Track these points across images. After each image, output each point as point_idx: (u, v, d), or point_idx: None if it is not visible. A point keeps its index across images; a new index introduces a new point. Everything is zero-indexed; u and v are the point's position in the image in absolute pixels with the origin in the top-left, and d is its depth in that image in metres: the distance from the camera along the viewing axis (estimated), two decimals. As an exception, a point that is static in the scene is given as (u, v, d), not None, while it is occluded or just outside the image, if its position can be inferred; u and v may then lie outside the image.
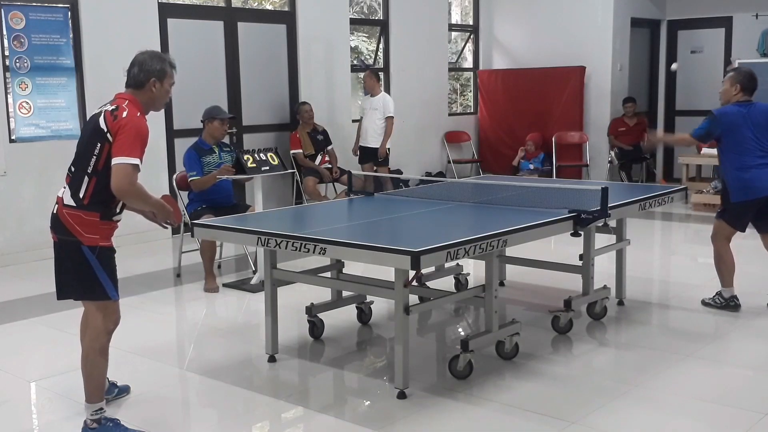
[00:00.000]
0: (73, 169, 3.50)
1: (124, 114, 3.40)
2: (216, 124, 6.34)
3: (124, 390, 4.07)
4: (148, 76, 3.53)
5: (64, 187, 3.51)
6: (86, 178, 3.42)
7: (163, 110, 8.08)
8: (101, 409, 3.56)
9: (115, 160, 3.34)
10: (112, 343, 3.60)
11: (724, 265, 5.38)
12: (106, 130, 3.39)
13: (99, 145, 3.40)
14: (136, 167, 3.35)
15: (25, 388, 4.30)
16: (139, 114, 3.46)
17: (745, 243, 7.58)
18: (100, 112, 3.48)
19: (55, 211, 3.52)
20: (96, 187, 3.42)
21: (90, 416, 3.55)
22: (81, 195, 3.43)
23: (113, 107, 3.45)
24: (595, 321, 5.17)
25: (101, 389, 3.60)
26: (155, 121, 8.00)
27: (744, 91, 5.20)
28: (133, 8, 7.83)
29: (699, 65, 11.48)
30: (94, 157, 3.40)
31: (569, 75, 10.87)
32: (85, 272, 3.48)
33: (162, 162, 8.08)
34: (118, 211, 3.53)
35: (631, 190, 6.32)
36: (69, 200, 3.45)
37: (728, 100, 5.25)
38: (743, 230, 5.39)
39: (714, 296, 5.44)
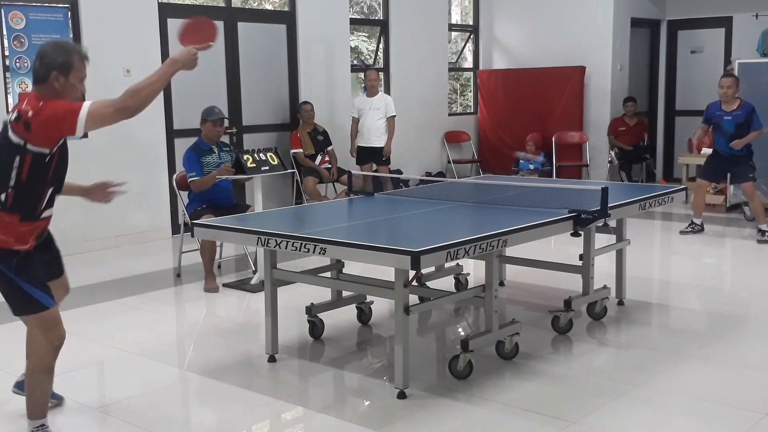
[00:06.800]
0: None
1: (30, 113, 3.08)
2: (208, 125, 6.34)
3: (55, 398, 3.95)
4: (49, 69, 3.20)
5: None
6: (9, 190, 3.16)
7: (162, 110, 8.19)
8: (43, 425, 3.48)
9: (81, 118, 3.06)
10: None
11: None
12: (21, 142, 3.11)
13: (18, 158, 3.12)
14: (88, 112, 3.07)
15: (25, 388, 4.30)
16: (42, 102, 3.13)
17: (745, 243, 7.59)
18: (5, 125, 3.18)
19: None
20: (21, 191, 3.17)
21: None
22: (2, 198, 3.16)
23: (15, 115, 3.14)
24: (595, 321, 5.17)
25: (44, 407, 3.49)
26: (155, 121, 8.02)
27: None
28: (133, 8, 7.83)
29: (699, 65, 11.48)
30: (14, 170, 3.13)
31: (569, 75, 10.87)
32: (8, 288, 3.25)
33: (162, 162, 8.07)
34: (44, 208, 3.25)
35: (631, 190, 6.32)
36: None
37: None
38: None
39: None
